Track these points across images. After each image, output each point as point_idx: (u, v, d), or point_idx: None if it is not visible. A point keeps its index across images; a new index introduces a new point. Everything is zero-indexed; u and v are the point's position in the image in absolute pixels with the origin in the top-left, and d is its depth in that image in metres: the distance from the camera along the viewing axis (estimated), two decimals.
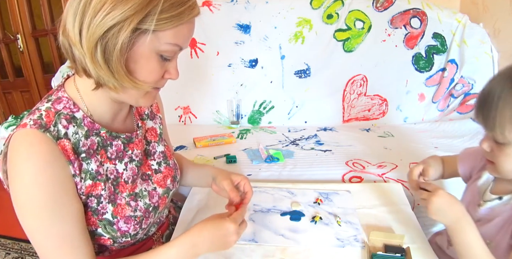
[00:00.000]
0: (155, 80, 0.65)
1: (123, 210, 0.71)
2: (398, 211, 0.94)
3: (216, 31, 1.84)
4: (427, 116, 1.92)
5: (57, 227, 0.60)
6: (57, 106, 0.65)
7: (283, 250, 0.81)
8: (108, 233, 0.70)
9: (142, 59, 0.60)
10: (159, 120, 0.89)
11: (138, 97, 0.67)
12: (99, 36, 0.56)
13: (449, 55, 1.85)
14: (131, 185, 0.74)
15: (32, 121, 0.60)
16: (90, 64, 0.58)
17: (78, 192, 0.64)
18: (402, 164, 1.37)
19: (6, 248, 1.79)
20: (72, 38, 0.57)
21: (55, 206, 0.60)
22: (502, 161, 0.68)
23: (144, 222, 0.75)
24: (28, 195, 0.59)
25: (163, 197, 0.81)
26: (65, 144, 0.62)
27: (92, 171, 0.66)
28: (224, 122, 1.93)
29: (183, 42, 0.64)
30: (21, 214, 0.60)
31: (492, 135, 0.67)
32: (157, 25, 0.57)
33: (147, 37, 0.58)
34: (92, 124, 0.68)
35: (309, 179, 1.30)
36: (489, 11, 1.81)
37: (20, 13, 2.61)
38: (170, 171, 0.86)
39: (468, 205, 0.81)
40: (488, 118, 0.64)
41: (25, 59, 2.75)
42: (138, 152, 0.78)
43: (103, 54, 0.57)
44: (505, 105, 0.62)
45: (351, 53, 1.87)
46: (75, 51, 0.59)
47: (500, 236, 0.71)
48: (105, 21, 0.55)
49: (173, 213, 1.00)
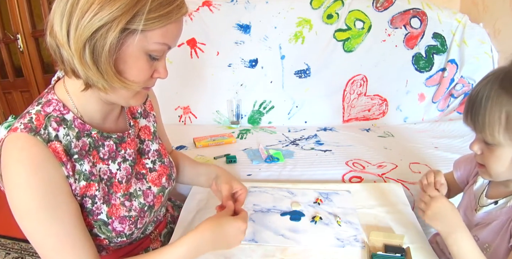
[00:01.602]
0: (144, 80, 0.64)
1: (118, 211, 0.71)
2: (398, 211, 0.94)
3: (216, 31, 1.84)
4: (427, 116, 1.92)
5: (56, 228, 0.61)
6: (47, 109, 0.65)
7: (283, 250, 0.81)
8: (104, 233, 0.70)
9: (130, 59, 0.60)
10: (153, 118, 0.88)
11: (128, 97, 0.66)
12: (87, 37, 0.55)
13: (449, 55, 1.85)
14: (125, 185, 0.74)
15: (22, 125, 0.61)
16: (78, 65, 0.58)
17: (73, 193, 0.64)
18: (402, 164, 1.37)
19: (6, 248, 1.79)
20: (59, 39, 0.57)
21: (50, 207, 0.60)
22: (492, 163, 0.67)
23: (139, 222, 0.75)
24: (22, 198, 0.59)
25: (158, 195, 0.81)
26: (56, 146, 0.62)
27: (86, 172, 0.66)
28: (224, 122, 1.93)
29: (172, 41, 0.63)
30: (18, 217, 0.60)
31: (482, 136, 0.67)
32: (146, 25, 0.57)
33: (135, 37, 0.58)
34: (82, 125, 0.68)
35: (309, 179, 1.30)
36: (489, 11, 1.81)
37: (20, 13, 2.60)
38: (165, 169, 0.85)
39: (466, 210, 0.81)
40: (477, 120, 0.65)
41: (25, 59, 2.75)
42: (131, 151, 0.77)
43: (92, 55, 0.57)
44: (493, 106, 0.62)
45: (351, 53, 1.87)
46: (63, 52, 0.59)
47: (498, 240, 0.71)
48: (93, 22, 0.54)
49: (171, 211, 1.00)
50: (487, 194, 0.77)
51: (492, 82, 0.63)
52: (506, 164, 0.66)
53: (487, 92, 0.63)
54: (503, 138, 0.63)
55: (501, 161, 0.66)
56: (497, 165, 0.67)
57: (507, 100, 0.61)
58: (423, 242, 0.82)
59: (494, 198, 0.75)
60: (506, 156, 0.65)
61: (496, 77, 0.64)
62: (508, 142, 0.63)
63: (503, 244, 0.69)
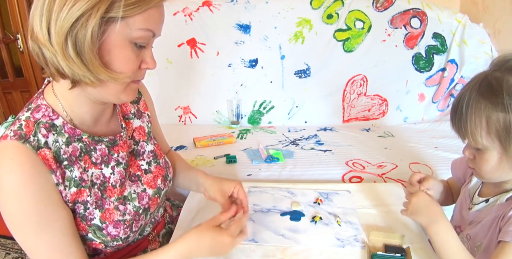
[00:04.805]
0: (132, 70, 0.63)
1: (111, 215, 0.70)
2: (398, 211, 0.94)
3: (216, 31, 1.84)
4: (427, 116, 1.93)
5: (46, 237, 0.61)
6: (36, 115, 0.64)
7: (283, 250, 0.81)
8: (99, 237, 0.70)
9: (115, 48, 0.59)
10: (147, 118, 0.87)
11: (118, 92, 0.65)
12: (67, 28, 0.55)
13: (449, 55, 1.85)
14: (119, 188, 0.74)
15: (12, 132, 0.61)
16: (62, 61, 0.57)
17: (64, 199, 0.64)
18: (402, 164, 1.37)
19: (6, 248, 1.79)
20: (41, 39, 0.57)
21: (40, 217, 0.60)
22: (481, 166, 0.70)
23: (134, 225, 0.74)
24: (13, 207, 0.59)
25: (153, 198, 0.80)
26: (46, 153, 0.62)
27: (76, 178, 0.66)
28: (224, 122, 1.93)
29: (155, 26, 0.62)
30: (9, 225, 0.61)
31: (469, 142, 0.70)
32: (125, 11, 0.56)
33: (116, 24, 0.57)
34: (73, 130, 0.67)
35: (309, 179, 1.30)
36: (489, 11, 1.81)
37: (20, 13, 2.60)
38: (161, 170, 0.84)
39: (461, 208, 0.83)
40: (461, 126, 0.68)
41: (25, 59, 2.75)
42: (124, 154, 0.76)
43: (74, 47, 0.56)
44: (473, 112, 0.65)
45: (351, 53, 1.87)
46: (46, 52, 0.58)
47: (488, 237, 0.72)
48: (71, 13, 0.54)
49: (169, 212, 0.99)
50: (480, 193, 0.79)
51: (471, 89, 0.66)
52: (493, 166, 0.68)
53: (467, 99, 0.66)
54: (486, 141, 0.65)
55: (489, 163, 0.68)
56: (485, 168, 0.69)
57: (485, 105, 0.64)
58: (423, 242, 0.82)
59: (486, 197, 0.76)
60: (493, 158, 0.67)
61: (474, 84, 0.66)
62: (492, 145, 0.65)
63: (493, 241, 0.70)
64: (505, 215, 0.68)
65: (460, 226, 0.82)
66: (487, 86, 0.64)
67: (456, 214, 0.85)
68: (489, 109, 0.63)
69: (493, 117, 0.63)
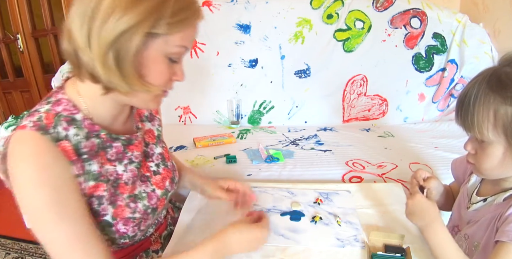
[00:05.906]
0: (165, 83, 0.65)
1: (123, 212, 0.71)
2: (398, 211, 0.94)
3: (216, 31, 1.84)
4: (427, 116, 1.93)
5: (65, 226, 0.60)
6: (56, 108, 0.65)
7: (283, 250, 0.81)
8: (106, 234, 0.69)
9: (152, 62, 0.61)
10: (157, 122, 0.89)
11: (147, 101, 0.68)
12: (111, 41, 0.56)
13: (449, 55, 1.85)
14: (131, 186, 0.74)
15: (31, 123, 0.60)
16: (101, 69, 0.58)
17: (81, 192, 0.64)
18: (402, 164, 1.37)
19: (6, 248, 1.79)
20: (79, 43, 0.57)
21: (58, 205, 0.59)
22: (483, 160, 0.69)
23: (142, 224, 0.75)
24: (30, 195, 0.58)
25: (161, 198, 0.81)
26: (66, 145, 0.62)
27: (95, 172, 0.67)
28: (224, 122, 1.93)
29: (190, 43, 0.65)
30: (28, 215, 0.60)
31: (473, 135, 0.69)
32: (169, 29, 0.58)
33: (157, 40, 0.59)
34: (92, 125, 0.68)
35: (309, 179, 1.30)
36: (489, 11, 1.81)
37: (20, 13, 2.61)
38: (169, 172, 0.86)
39: (459, 208, 0.83)
40: (467, 119, 0.67)
41: (25, 59, 2.75)
42: (138, 153, 0.77)
43: (116, 58, 0.57)
44: (481, 105, 0.64)
45: (351, 53, 1.87)
46: (83, 57, 0.58)
47: (485, 237, 0.72)
48: (116, 26, 0.55)
49: (171, 213, 1.00)
50: (478, 192, 0.79)
51: (480, 82, 0.66)
52: (496, 161, 0.67)
53: (475, 92, 0.65)
54: (492, 134, 0.65)
55: (491, 158, 0.68)
56: (487, 163, 0.69)
57: (494, 98, 0.63)
58: (423, 242, 0.82)
59: (484, 196, 0.76)
60: (497, 153, 0.67)
61: (483, 77, 0.66)
62: (497, 139, 0.65)
63: (490, 241, 0.70)
64: (502, 215, 0.68)
65: (458, 226, 0.82)
66: (497, 80, 0.64)
67: (455, 214, 0.85)
68: (498, 103, 0.63)
69: (501, 111, 0.62)
